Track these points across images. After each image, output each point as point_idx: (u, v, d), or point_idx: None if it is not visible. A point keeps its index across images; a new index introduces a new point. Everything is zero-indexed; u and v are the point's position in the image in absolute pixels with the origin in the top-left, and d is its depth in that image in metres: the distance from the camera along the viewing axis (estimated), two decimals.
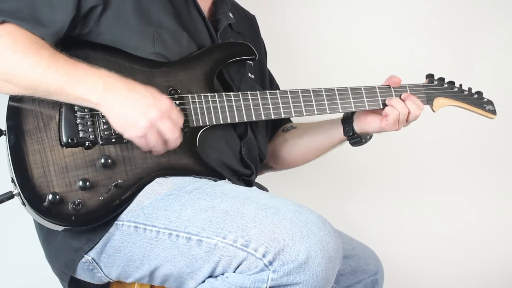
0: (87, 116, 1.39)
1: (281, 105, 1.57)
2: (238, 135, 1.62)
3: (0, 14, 1.35)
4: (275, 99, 1.57)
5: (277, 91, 1.58)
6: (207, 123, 1.49)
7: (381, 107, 1.67)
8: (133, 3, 1.48)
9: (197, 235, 1.33)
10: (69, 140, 1.37)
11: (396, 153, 2.52)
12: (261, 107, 1.55)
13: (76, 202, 1.34)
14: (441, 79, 1.80)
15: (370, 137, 1.75)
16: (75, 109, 1.38)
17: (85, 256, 1.42)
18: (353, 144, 1.74)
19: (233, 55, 1.60)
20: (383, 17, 2.53)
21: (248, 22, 1.87)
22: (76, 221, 1.34)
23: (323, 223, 1.30)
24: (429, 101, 1.74)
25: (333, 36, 2.48)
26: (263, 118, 1.56)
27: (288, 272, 1.26)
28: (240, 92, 1.54)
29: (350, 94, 1.65)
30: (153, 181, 1.42)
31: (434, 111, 1.76)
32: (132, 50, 1.47)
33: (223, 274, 1.34)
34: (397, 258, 2.46)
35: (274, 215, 1.30)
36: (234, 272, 1.32)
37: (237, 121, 1.53)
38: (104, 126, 1.39)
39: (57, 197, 1.32)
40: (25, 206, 1.34)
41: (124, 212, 1.39)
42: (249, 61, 1.69)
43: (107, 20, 1.45)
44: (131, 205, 1.40)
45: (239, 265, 1.30)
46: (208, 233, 1.32)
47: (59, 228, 1.36)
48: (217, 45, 1.61)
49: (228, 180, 1.53)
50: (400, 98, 1.67)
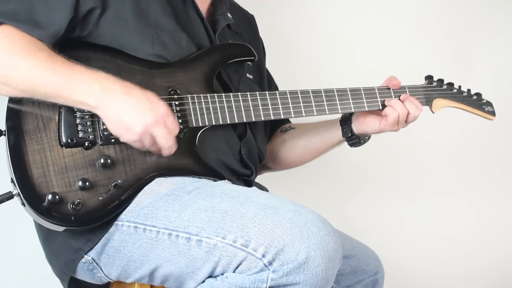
0: (87, 116, 1.39)
1: (280, 106, 1.57)
2: (238, 135, 1.62)
3: None
4: (274, 99, 1.57)
5: (277, 91, 1.58)
6: (207, 124, 1.49)
7: (380, 108, 1.67)
8: (131, 5, 1.48)
9: (196, 235, 1.33)
10: (69, 140, 1.37)
11: (396, 153, 2.52)
12: (260, 107, 1.55)
13: (76, 202, 1.34)
14: (440, 80, 1.80)
15: (369, 138, 1.75)
16: (75, 109, 1.38)
17: (85, 256, 1.42)
18: (351, 145, 1.74)
19: (233, 56, 1.60)
20: (383, 18, 2.53)
21: (247, 22, 1.87)
22: (76, 221, 1.34)
23: (322, 223, 1.30)
24: (428, 102, 1.74)
25: (332, 36, 2.48)
26: (263, 118, 1.56)
27: (288, 272, 1.26)
28: (239, 93, 1.54)
29: (349, 95, 1.65)
30: (153, 181, 1.42)
31: (433, 112, 1.76)
32: (131, 51, 1.47)
33: (222, 274, 1.33)
34: (397, 258, 2.45)
35: (274, 215, 1.30)
36: (233, 272, 1.31)
37: (236, 121, 1.53)
38: (104, 127, 1.39)
39: (57, 197, 1.32)
40: (25, 206, 1.34)
41: (124, 212, 1.39)
42: (248, 62, 1.69)
43: (106, 22, 1.45)
44: (130, 205, 1.40)
45: (239, 265, 1.30)
46: (207, 233, 1.32)
47: (59, 228, 1.36)
48: (216, 46, 1.61)
49: (228, 180, 1.53)
50: (399, 99, 1.67)
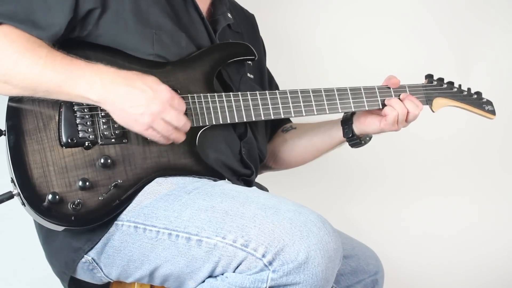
0: (87, 116, 1.39)
1: (280, 105, 1.57)
2: (238, 135, 1.62)
3: None
4: (274, 99, 1.57)
5: (277, 91, 1.58)
6: (207, 123, 1.49)
7: (380, 107, 1.67)
8: (131, 5, 1.48)
9: (196, 235, 1.33)
10: (69, 140, 1.37)
11: (396, 153, 2.52)
12: (260, 107, 1.55)
13: (76, 202, 1.34)
14: (441, 79, 1.80)
15: (370, 139, 1.74)
16: (75, 109, 1.38)
17: (85, 256, 1.42)
18: (352, 145, 1.74)
19: (233, 55, 1.60)
20: (383, 17, 2.53)
21: (248, 21, 1.87)
22: (76, 221, 1.34)
23: (322, 223, 1.30)
24: (428, 101, 1.74)
25: (332, 36, 2.48)
26: (263, 118, 1.55)
27: (288, 272, 1.26)
28: (239, 93, 1.54)
29: (349, 94, 1.65)
30: (153, 181, 1.42)
31: (433, 111, 1.76)
32: (131, 51, 1.47)
33: (222, 274, 1.33)
34: (397, 258, 2.46)
35: (274, 215, 1.30)
36: (233, 272, 1.32)
37: (236, 121, 1.53)
38: (104, 126, 1.39)
39: (57, 197, 1.32)
40: (25, 206, 1.34)
41: (124, 212, 1.39)
42: (248, 61, 1.69)
43: (106, 22, 1.45)
44: (131, 205, 1.40)
45: (239, 265, 1.30)
46: (207, 233, 1.32)
47: (59, 228, 1.36)
48: (216, 46, 1.61)
49: (228, 180, 1.53)
50: (399, 98, 1.67)
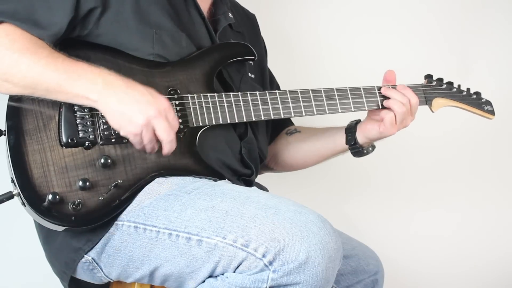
0: (87, 116, 1.39)
1: (280, 105, 1.57)
2: (238, 135, 1.62)
3: None
4: (274, 99, 1.57)
5: (277, 91, 1.58)
6: (207, 123, 1.49)
7: (380, 107, 1.67)
8: (132, 5, 1.48)
9: (197, 235, 1.33)
10: (69, 140, 1.37)
11: (396, 153, 2.51)
12: (260, 107, 1.55)
13: (76, 202, 1.34)
14: (440, 80, 1.80)
15: (373, 149, 1.72)
16: (75, 109, 1.38)
17: (85, 256, 1.42)
18: (354, 153, 1.72)
19: (233, 55, 1.60)
20: (383, 18, 2.53)
21: (248, 21, 1.87)
22: (76, 221, 1.34)
23: (323, 223, 1.30)
24: (428, 101, 1.74)
25: (332, 36, 2.48)
26: (263, 118, 1.55)
27: (288, 272, 1.26)
28: (239, 92, 1.54)
29: (349, 94, 1.65)
30: (153, 181, 1.42)
31: (433, 112, 1.76)
32: (131, 51, 1.47)
33: (223, 274, 1.33)
34: (397, 258, 2.45)
35: (274, 215, 1.30)
36: (234, 272, 1.32)
37: (236, 121, 1.53)
38: (104, 126, 1.39)
39: (57, 197, 1.32)
40: (25, 206, 1.33)
41: (124, 212, 1.39)
42: (249, 61, 1.69)
43: (106, 21, 1.45)
44: (131, 205, 1.40)
45: (239, 265, 1.30)
46: (208, 233, 1.32)
47: (59, 228, 1.36)
48: (217, 46, 1.61)
49: (228, 180, 1.53)
50: (395, 89, 1.66)
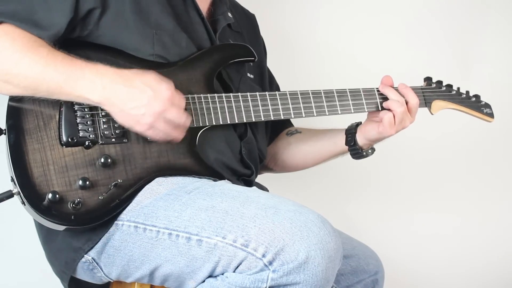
0: (87, 115, 1.39)
1: (280, 107, 1.57)
2: (238, 135, 1.62)
3: None
4: (274, 100, 1.57)
5: (277, 92, 1.59)
6: (207, 124, 1.49)
7: (380, 109, 1.67)
8: (132, 5, 1.48)
9: (197, 235, 1.33)
10: (69, 140, 1.36)
11: (396, 153, 2.51)
12: (260, 108, 1.55)
13: (76, 201, 1.34)
14: (439, 82, 1.80)
15: (372, 152, 1.72)
16: (75, 108, 1.38)
17: (85, 256, 1.42)
18: (353, 155, 1.72)
19: (233, 56, 1.60)
20: (383, 18, 2.53)
21: (248, 21, 1.87)
22: (76, 221, 1.34)
23: (323, 223, 1.30)
24: (427, 103, 1.75)
25: (332, 37, 2.49)
26: (263, 119, 1.56)
27: (288, 272, 1.26)
28: (240, 93, 1.54)
29: (349, 95, 1.65)
30: (153, 181, 1.42)
31: (432, 114, 1.77)
32: (131, 51, 1.47)
33: (223, 274, 1.33)
34: (398, 258, 2.46)
35: (274, 215, 1.30)
36: (234, 272, 1.31)
37: (236, 121, 1.53)
38: (104, 126, 1.39)
39: (57, 196, 1.32)
40: (25, 205, 1.33)
41: (124, 212, 1.39)
42: (248, 62, 1.69)
43: (106, 22, 1.45)
44: (131, 204, 1.40)
45: (239, 265, 1.30)
46: (208, 233, 1.32)
47: (59, 227, 1.36)
48: (216, 46, 1.61)
49: (228, 180, 1.53)
50: (396, 90, 1.66)
